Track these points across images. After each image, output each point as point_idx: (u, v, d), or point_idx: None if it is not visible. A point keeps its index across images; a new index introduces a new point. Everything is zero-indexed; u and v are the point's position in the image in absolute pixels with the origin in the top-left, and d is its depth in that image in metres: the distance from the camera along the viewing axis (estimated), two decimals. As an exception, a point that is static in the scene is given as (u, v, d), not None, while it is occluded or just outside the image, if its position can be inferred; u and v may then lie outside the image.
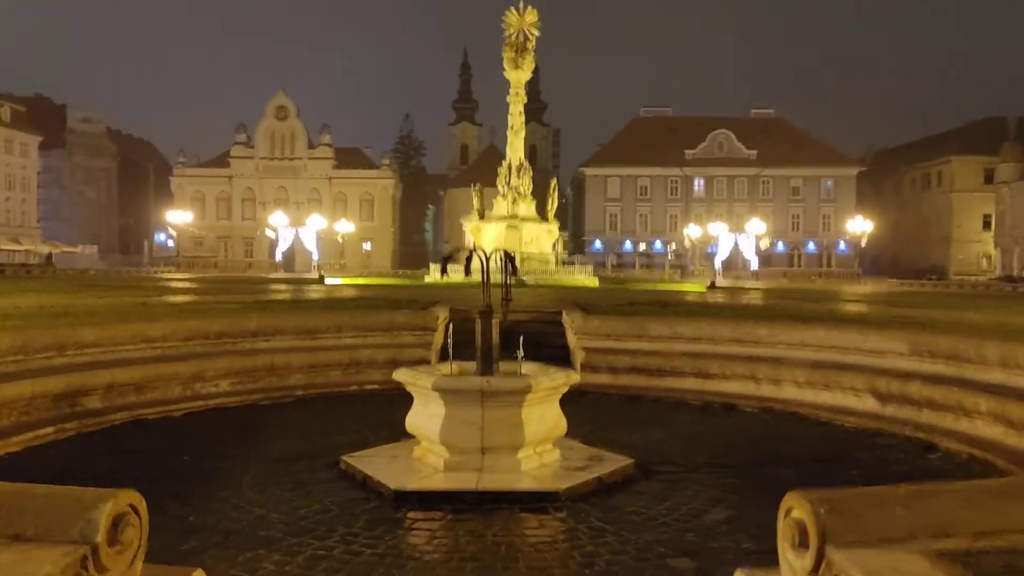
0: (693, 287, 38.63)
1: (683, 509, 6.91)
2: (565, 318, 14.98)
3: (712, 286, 37.83)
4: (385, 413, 9.73)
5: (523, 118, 41.25)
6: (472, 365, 8.29)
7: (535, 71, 42.06)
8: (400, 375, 8.01)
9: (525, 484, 7.35)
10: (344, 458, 8.09)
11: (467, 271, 8.29)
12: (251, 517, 6.62)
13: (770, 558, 3.33)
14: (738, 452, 9.08)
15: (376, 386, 12.26)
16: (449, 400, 7.52)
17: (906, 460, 8.81)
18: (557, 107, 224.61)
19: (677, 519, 6.66)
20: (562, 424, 8.09)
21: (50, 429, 9.19)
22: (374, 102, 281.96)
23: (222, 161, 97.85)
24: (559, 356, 14.24)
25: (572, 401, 8.43)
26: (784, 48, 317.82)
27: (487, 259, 8.14)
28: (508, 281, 17.44)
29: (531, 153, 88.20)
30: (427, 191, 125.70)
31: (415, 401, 8.05)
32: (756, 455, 8.96)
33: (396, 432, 8.41)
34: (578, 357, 13.25)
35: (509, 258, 14.36)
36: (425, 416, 7.81)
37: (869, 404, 10.44)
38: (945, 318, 13.91)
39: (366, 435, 9.49)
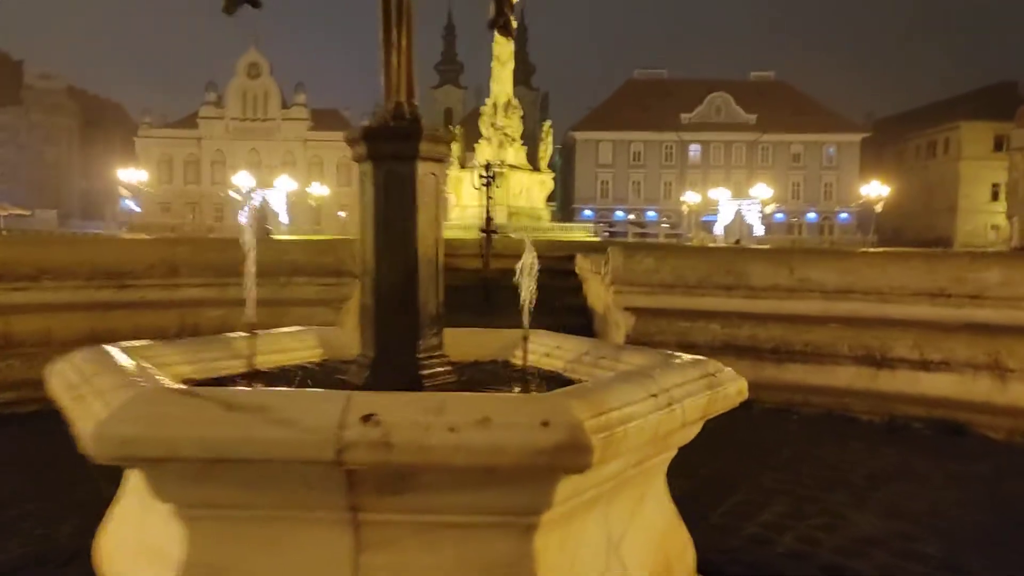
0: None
1: None
2: (582, 262, 9.14)
3: (738, 243, 32.05)
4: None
5: (511, 47, 34.46)
6: (350, 337, 2.49)
7: (522, 30, 35.74)
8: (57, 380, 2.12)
9: None
10: None
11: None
12: None
13: None
14: None
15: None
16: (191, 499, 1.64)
17: None
18: (546, 71, 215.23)
19: None
20: (688, 552, 2.22)
21: None
22: (352, 62, 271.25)
23: (191, 122, 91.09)
24: (573, 324, 8.53)
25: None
26: (784, 9, 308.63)
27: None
28: (488, 205, 11.64)
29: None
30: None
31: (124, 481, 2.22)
32: None
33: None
34: (619, 325, 7.22)
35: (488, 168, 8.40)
36: (135, 542, 1.95)
37: None
38: None
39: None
